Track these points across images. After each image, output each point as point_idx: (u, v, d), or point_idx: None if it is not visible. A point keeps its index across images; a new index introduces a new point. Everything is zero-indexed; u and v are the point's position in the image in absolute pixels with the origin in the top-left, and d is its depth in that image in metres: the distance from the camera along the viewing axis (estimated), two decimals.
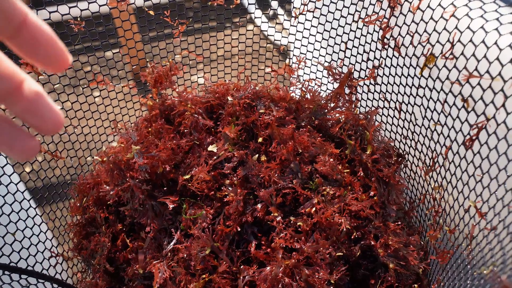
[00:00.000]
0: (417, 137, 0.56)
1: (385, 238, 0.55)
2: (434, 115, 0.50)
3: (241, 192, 0.57)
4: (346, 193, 0.57)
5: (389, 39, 0.53)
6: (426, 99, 0.50)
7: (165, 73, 0.71)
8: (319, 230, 0.55)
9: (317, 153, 0.60)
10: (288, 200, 0.57)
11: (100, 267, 0.60)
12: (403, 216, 0.62)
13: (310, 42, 0.72)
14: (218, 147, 0.60)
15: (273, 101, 0.65)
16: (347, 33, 0.63)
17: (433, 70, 0.48)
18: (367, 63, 0.62)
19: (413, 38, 0.49)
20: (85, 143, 0.70)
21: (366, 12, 0.57)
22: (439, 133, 0.50)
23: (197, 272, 0.54)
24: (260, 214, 0.56)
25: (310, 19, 0.68)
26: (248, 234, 0.57)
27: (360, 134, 0.63)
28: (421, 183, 0.59)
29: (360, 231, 0.56)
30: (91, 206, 0.64)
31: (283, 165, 0.59)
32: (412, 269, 0.54)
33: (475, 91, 0.42)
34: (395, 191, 0.59)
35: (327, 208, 0.55)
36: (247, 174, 0.59)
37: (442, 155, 0.50)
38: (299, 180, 0.58)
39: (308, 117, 0.65)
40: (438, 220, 0.52)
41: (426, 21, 0.47)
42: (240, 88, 0.68)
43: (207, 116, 0.66)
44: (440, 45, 0.46)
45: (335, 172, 0.58)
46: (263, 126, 0.61)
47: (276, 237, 0.55)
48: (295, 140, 0.59)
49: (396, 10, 0.51)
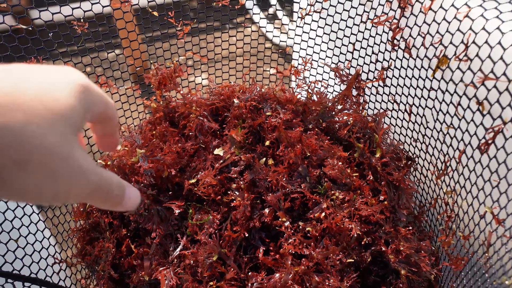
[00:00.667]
0: (428, 140, 0.55)
1: (396, 243, 0.54)
2: (447, 118, 0.49)
3: (248, 196, 0.55)
4: (355, 197, 0.56)
5: (399, 40, 0.52)
6: (439, 101, 0.49)
7: (169, 75, 0.70)
8: (329, 235, 0.53)
9: (325, 156, 0.59)
10: (297, 205, 0.56)
11: (105, 274, 0.59)
12: (413, 221, 0.61)
13: (317, 43, 0.71)
14: (224, 150, 0.59)
15: (280, 103, 0.64)
16: (355, 34, 0.62)
17: (446, 72, 0.47)
18: (375, 65, 0.61)
19: (425, 39, 0.48)
20: (88, 147, 0.69)
21: (375, 12, 0.56)
22: (452, 137, 0.48)
23: (204, 279, 0.53)
24: (268, 219, 0.55)
25: (317, 19, 0.67)
26: (255, 239, 0.56)
27: (368, 137, 0.62)
28: (432, 187, 0.58)
29: (371, 236, 0.54)
30: (95, 211, 0.63)
31: (291, 169, 0.57)
32: (424, 275, 0.53)
33: (491, 93, 0.41)
34: (405, 195, 0.58)
35: (336, 213, 0.54)
36: (254, 178, 0.58)
37: (455, 159, 0.49)
38: (308, 184, 0.56)
39: (315, 119, 0.64)
40: (450, 225, 0.51)
41: (438, 22, 0.46)
42: (246, 90, 0.67)
43: (212, 118, 0.65)
44: (453, 47, 0.45)
45: (344, 176, 0.57)
46: (270, 129, 0.60)
47: (284, 243, 0.53)
48: (303, 143, 0.58)
49: (406, 10, 0.50)
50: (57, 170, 0.26)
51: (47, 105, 0.26)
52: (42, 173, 0.25)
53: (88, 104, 0.30)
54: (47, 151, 0.25)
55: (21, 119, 0.24)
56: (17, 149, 0.24)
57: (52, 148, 0.26)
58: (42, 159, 0.25)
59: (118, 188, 0.32)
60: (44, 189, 0.26)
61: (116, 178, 0.32)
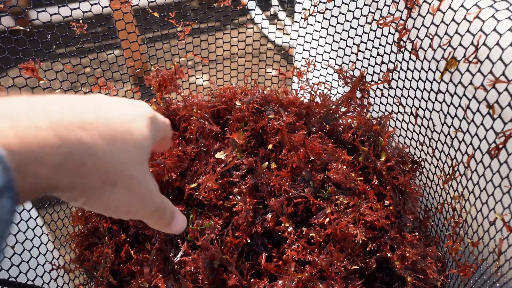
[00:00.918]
0: (435, 144, 0.53)
1: (402, 249, 0.53)
2: (455, 122, 0.47)
3: (250, 201, 0.54)
4: (360, 202, 0.54)
5: (405, 41, 0.51)
6: (446, 104, 0.48)
7: (169, 77, 0.68)
8: (333, 241, 0.52)
9: (329, 160, 0.57)
10: (300, 210, 0.54)
11: (103, 280, 0.58)
12: (419, 226, 0.60)
13: (320, 44, 0.69)
14: (226, 154, 0.58)
15: (282, 106, 0.63)
16: (360, 35, 0.61)
17: (454, 75, 0.45)
18: (380, 66, 0.59)
19: (433, 40, 0.47)
20: None
21: (381, 13, 0.54)
22: (460, 141, 0.47)
23: (205, 286, 0.52)
24: (271, 224, 0.54)
25: (320, 20, 0.66)
26: (258, 245, 0.55)
27: (373, 140, 0.61)
28: (439, 192, 0.57)
29: (376, 242, 0.53)
30: (94, 215, 0.62)
31: (294, 173, 0.56)
32: (431, 282, 0.52)
33: (502, 97, 0.40)
34: (411, 200, 0.57)
35: (341, 219, 0.52)
36: (257, 182, 0.56)
37: (464, 163, 0.47)
38: (311, 189, 0.55)
39: (319, 122, 0.63)
40: (458, 231, 0.50)
41: (447, 23, 0.45)
42: (248, 92, 0.65)
43: (214, 121, 0.64)
44: (462, 49, 0.43)
45: (348, 180, 0.55)
46: (273, 132, 0.59)
47: (287, 249, 0.52)
48: (307, 147, 0.57)
49: (413, 11, 0.49)
50: (135, 192, 0.32)
51: (126, 135, 0.31)
52: (123, 194, 0.31)
53: (155, 132, 0.35)
54: (129, 176, 0.31)
55: (105, 147, 0.29)
56: (103, 172, 0.29)
57: (133, 174, 0.31)
58: (125, 182, 0.30)
59: (171, 212, 0.37)
60: (121, 206, 0.31)
61: (170, 204, 0.37)
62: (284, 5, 0.79)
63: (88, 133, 0.28)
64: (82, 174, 0.27)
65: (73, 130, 0.27)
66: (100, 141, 0.29)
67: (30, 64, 0.52)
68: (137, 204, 0.32)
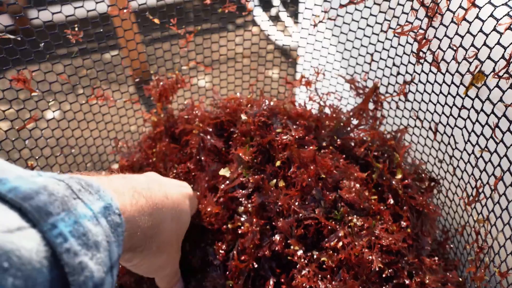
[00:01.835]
0: (456, 162, 0.50)
1: (421, 276, 0.49)
2: (481, 140, 0.44)
3: (257, 222, 0.50)
4: (374, 223, 0.50)
5: (425, 52, 0.47)
6: (471, 121, 0.44)
7: (170, 87, 0.65)
8: (347, 267, 0.48)
9: (341, 177, 0.53)
10: (310, 232, 0.51)
11: None
12: (437, 248, 0.56)
13: (330, 53, 0.66)
14: (231, 171, 0.54)
15: (290, 118, 0.59)
16: (374, 44, 0.57)
17: (481, 90, 0.42)
18: (396, 78, 0.56)
19: (457, 52, 0.43)
20: (83, 165, 0.64)
21: (398, 21, 0.51)
22: (487, 161, 0.43)
23: None
24: (279, 247, 0.50)
25: (331, 27, 0.62)
26: (265, 270, 0.51)
27: (388, 155, 0.57)
28: (459, 212, 0.53)
29: (392, 268, 0.49)
30: None
31: (304, 192, 0.52)
32: None
33: None
34: (429, 221, 0.53)
35: (354, 242, 0.48)
36: (264, 201, 0.52)
37: (490, 185, 0.44)
38: (322, 209, 0.51)
39: (329, 136, 0.59)
40: (482, 257, 0.46)
41: (474, 34, 0.41)
42: (253, 103, 0.62)
43: (217, 133, 0.60)
44: (491, 62, 0.39)
45: (362, 200, 0.52)
46: (281, 147, 0.55)
47: (297, 275, 0.48)
48: (317, 164, 0.53)
49: (435, 20, 0.45)
50: (172, 257, 0.42)
51: (180, 214, 0.42)
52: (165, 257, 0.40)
53: (192, 209, 0.47)
54: (173, 245, 0.41)
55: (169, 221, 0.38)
56: (161, 241, 0.37)
57: (175, 244, 0.42)
58: (169, 249, 0.40)
59: (178, 277, 0.47)
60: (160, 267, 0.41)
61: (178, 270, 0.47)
62: (286, 5, 0.75)
63: (164, 210, 0.37)
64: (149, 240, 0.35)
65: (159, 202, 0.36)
66: (169, 216, 0.38)
67: (21, 75, 0.48)
68: (168, 266, 0.42)
